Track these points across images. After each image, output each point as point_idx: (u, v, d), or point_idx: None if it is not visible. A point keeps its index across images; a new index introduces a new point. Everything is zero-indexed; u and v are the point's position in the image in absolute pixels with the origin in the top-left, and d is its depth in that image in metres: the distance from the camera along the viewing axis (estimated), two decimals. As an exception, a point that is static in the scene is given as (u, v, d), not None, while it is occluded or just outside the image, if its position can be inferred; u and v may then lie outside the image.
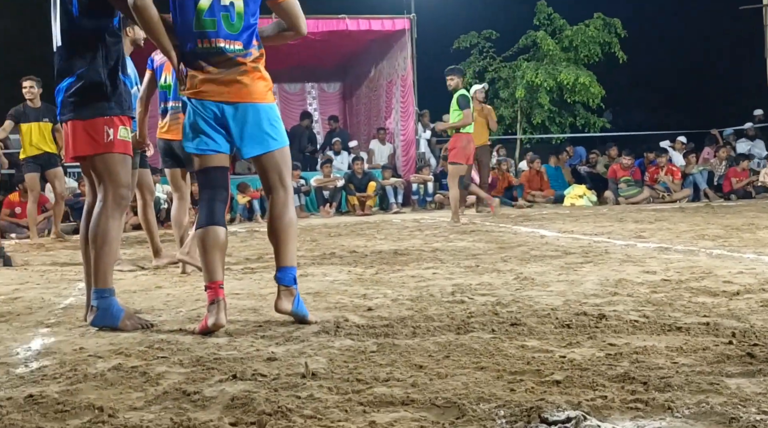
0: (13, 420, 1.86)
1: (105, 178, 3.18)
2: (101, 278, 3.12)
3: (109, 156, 3.17)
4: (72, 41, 3.14)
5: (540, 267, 4.52)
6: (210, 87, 2.98)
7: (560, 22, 16.23)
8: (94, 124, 3.14)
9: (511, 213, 10.90)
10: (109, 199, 3.17)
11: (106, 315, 3.07)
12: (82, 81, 3.12)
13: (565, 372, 2.14)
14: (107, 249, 3.13)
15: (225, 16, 2.96)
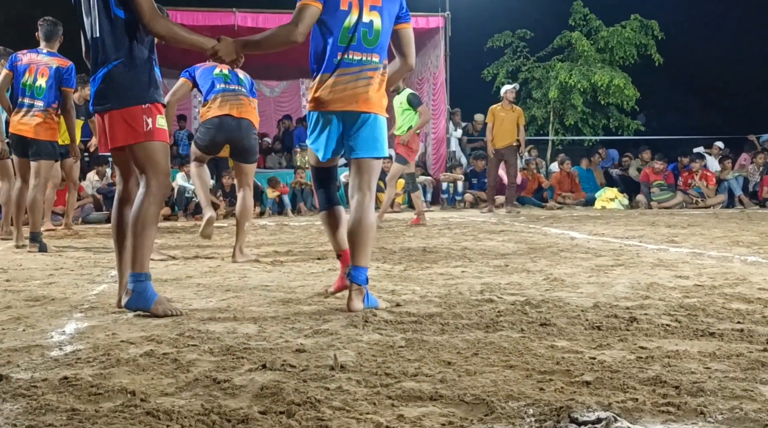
0: (49, 400, 1.90)
1: (146, 166, 3.24)
2: (138, 262, 3.19)
3: (149, 144, 3.23)
4: (111, 32, 3.19)
5: (570, 268, 4.49)
6: (339, 96, 3.27)
7: (596, 23, 16.07)
8: (133, 113, 3.19)
9: (541, 214, 10.82)
10: (152, 186, 3.23)
11: (140, 299, 3.14)
12: (123, 69, 3.17)
13: (595, 373, 2.12)
14: (147, 234, 3.20)
15: (364, 32, 3.27)
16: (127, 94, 3.18)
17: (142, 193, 3.24)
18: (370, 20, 3.27)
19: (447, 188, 12.99)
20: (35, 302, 3.51)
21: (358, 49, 3.26)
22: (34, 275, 4.54)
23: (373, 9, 3.26)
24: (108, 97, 3.21)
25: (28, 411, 1.82)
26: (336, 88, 3.26)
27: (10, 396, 1.95)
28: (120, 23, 3.17)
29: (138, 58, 3.20)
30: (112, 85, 3.19)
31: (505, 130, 10.83)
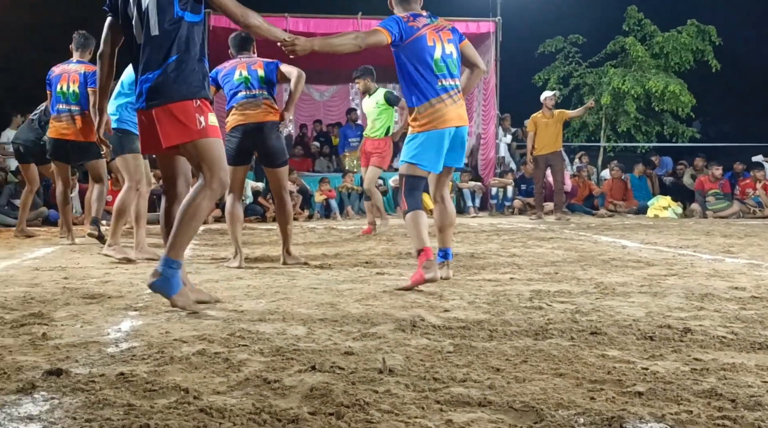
0: (106, 395, 1.95)
1: (206, 162, 3.29)
2: (175, 249, 3.23)
3: (205, 141, 3.29)
4: (171, 32, 3.25)
5: (621, 277, 4.41)
6: (449, 116, 4.06)
7: (651, 28, 15.78)
8: (186, 107, 3.24)
9: (592, 222, 10.67)
10: (213, 182, 3.29)
11: (166, 284, 3.19)
12: (182, 65, 3.25)
13: (647, 383, 2.09)
14: (192, 226, 3.25)
15: (450, 62, 4.09)
16: (184, 89, 3.25)
17: (200, 184, 3.29)
18: (450, 51, 4.10)
19: (496, 194, 12.90)
20: (92, 300, 3.61)
21: (450, 76, 4.09)
22: (90, 273, 4.67)
23: (449, 42, 4.12)
24: (161, 93, 3.25)
25: (87, 405, 1.88)
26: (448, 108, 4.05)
27: (70, 390, 2.01)
28: (183, 25, 3.26)
29: (194, 60, 3.29)
30: (171, 81, 3.24)
31: (548, 137, 10.72)
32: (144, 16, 3.29)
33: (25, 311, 3.25)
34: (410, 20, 4.04)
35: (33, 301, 3.54)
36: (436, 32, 4.07)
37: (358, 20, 12.58)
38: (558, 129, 10.79)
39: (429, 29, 4.05)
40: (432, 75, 4.03)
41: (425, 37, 4.02)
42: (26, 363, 2.31)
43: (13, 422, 1.77)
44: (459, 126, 4.11)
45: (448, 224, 4.29)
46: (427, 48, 4.01)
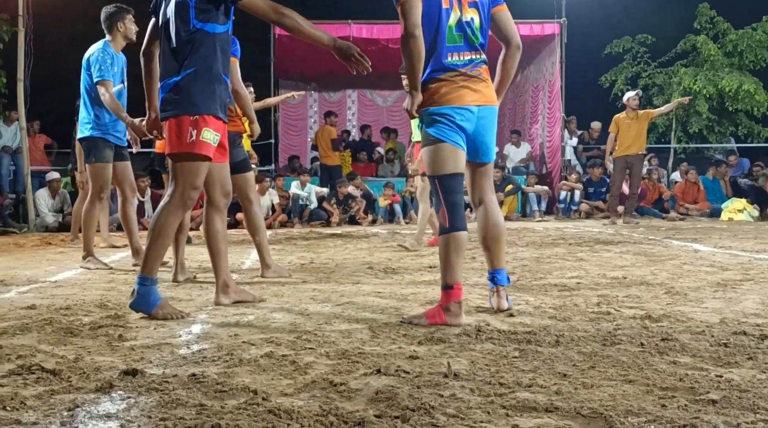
0: (179, 395, 2.02)
1: (178, 177, 3.33)
2: (148, 266, 3.31)
3: (187, 155, 3.31)
4: (186, 43, 3.28)
5: (693, 282, 4.29)
6: (462, 93, 3.19)
7: (724, 25, 15.27)
8: (181, 122, 3.28)
9: (662, 225, 10.39)
10: (176, 197, 3.32)
11: (143, 302, 3.28)
12: (191, 80, 3.27)
13: (721, 391, 2.03)
14: (161, 243, 3.32)
15: (469, 31, 3.23)
16: (184, 104, 3.28)
17: (165, 201, 3.34)
18: (470, 18, 3.24)
19: (564, 198, 12.69)
20: (164, 302, 3.72)
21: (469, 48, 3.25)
22: (162, 277, 4.80)
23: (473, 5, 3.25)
24: (170, 105, 3.32)
25: (161, 405, 1.94)
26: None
27: (145, 389, 2.08)
28: (199, 35, 3.28)
29: (210, 72, 3.30)
30: (176, 95, 3.29)
31: (631, 138, 10.43)
32: (168, 25, 3.35)
33: (102, 313, 3.38)
34: None
35: (109, 304, 3.67)
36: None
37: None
38: (641, 130, 10.49)
39: None
40: (442, 45, 3.21)
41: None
42: (104, 364, 2.41)
43: (92, 419, 1.84)
44: (479, 105, 3.23)
45: (492, 238, 3.33)
46: (441, 11, 3.18)
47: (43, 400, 2.00)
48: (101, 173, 5.43)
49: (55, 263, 5.88)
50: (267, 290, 4.14)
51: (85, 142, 5.51)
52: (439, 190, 3.22)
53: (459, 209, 3.19)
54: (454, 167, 3.21)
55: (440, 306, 3.14)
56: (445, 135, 3.18)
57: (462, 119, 3.19)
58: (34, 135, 12.45)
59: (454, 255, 3.15)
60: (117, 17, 5.42)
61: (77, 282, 4.59)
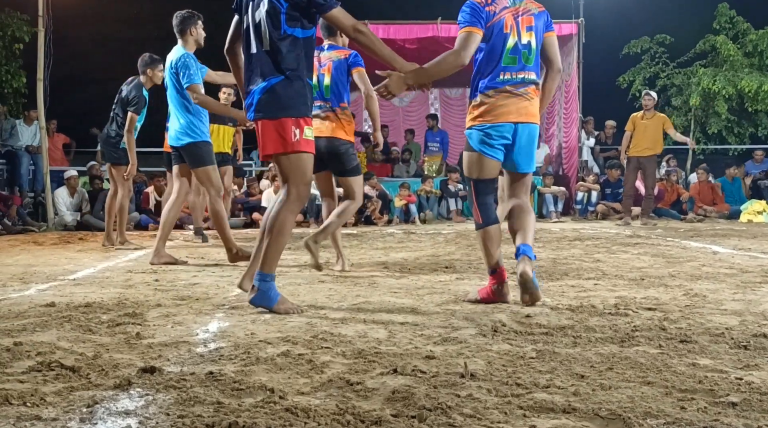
0: (197, 393, 2.03)
1: (290, 175, 3.43)
2: (268, 263, 3.39)
3: (295, 155, 3.41)
4: (279, 48, 3.38)
5: (712, 284, 4.25)
6: (508, 110, 3.63)
7: (744, 25, 15.14)
8: (284, 124, 3.38)
9: (680, 226, 10.30)
10: (292, 194, 3.43)
11: (264, 297, 3.37)
12: (286, 83, 3.37)
13: (742, 394, 2.01)
14: (280, 240, 3.40)
15: (524, 53, 3.64)
16: (284, 107, 3.38)
17: (282, 199, 3.44)
18: (527, 41, 3.66)
19: (581, 198, 12.62)
20: (181, 301, 3.75)
21: (520, 68, 3.65)
22: (179, 276, 4.84)
23: (530, 29, 3.67)
24: (266, 108, 3.41)
25: (178, 402, 1.96)
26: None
27: (163, 387, 2.10)
28: (289, 40, 3.38)
29: (300, 75, 3.40)
30: (273, 97, 3.38)
31: (645, 139, 10.36)
32: (258, 29, 3.43)
33: (120, 311, 3.41)
34: (487, 3, 3.61)
35: (127, 302, 3.70)
36: (514, 18, 3.63)
37: (437, 25, 12.60)
38: (656, 132, 10.41)
39: (508, 13, 3.62)
40: (497, 65, 3.62)
41: (502, 22, 3.60)
42: (122, 361, 2.42)
43: (111, 416, 1.86)
44: (520, 122, 3.63)
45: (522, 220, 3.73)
46: (502, 35, 3.59)
47: (62, 396, 2.02)
48: (212, 174, 5.58)
49: (73, 261, 5.94)
50: (283, 290, 4.15)
51: (185, 150, 5.61)
52: (473, 191, 3.77)
53: (489, 207, 3.73)
54: (487, 174, 3.74)
55: (490, 288, 3.66)
56: (483, 148, 3.68)
57: (499, 135, 3.65)
58: (52, 134, 12.57)
59: (490, 245, 3.69)
60: (190, 22, 5.53)
61: (96, 280, 4.63)
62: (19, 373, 2.27)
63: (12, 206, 10.28)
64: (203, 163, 5.55)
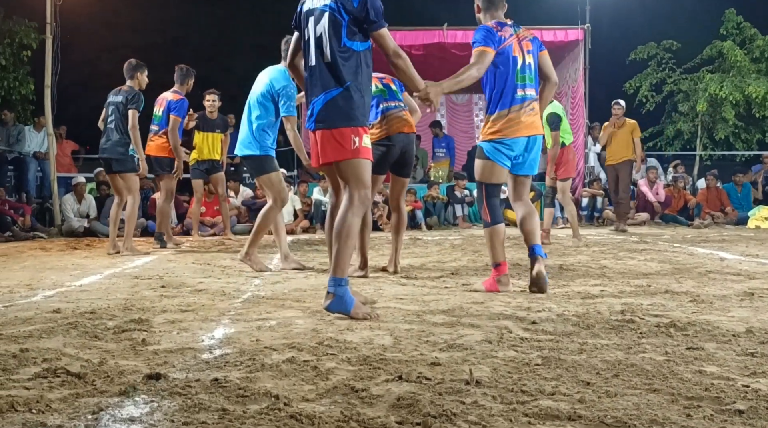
0: (201, 399, 2.03)
1: (351, 180, 3.54)
2: (340, 268, 3.48)
3: (355, 161, 3.51)
4: (339, 60, 3.49)
5: (719, 290, 4.23)
6: (522, 126, 4.24)
7: (751, 31, 15.11)
8: (344, 133, 3.50)
9: (688, 233, 10.27)
10: (355, 199, 3.53)
11: (341, 302, 3.42)
12: (346, 94, 3.49)
13: (748, 402, 2.00)
14: (349, 244, 3.51)
15: (529, 73, 4.27)
16: (343, 117, 3.50)
17: (346, 205, 3.55)
18: (530, 62, 4.29)
19: (587, 205, 12.60)
20: (187, 308, 3.75)
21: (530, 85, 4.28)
22: (186, 282, 4.85)
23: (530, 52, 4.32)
24: (326, 118, 3.52)
25: (183, 409, 1.96)
26: None
27: (168, 393, 2.10)
28: (348, 53, 3.50)
29: (359, 87, 3.52)
30: (333, 108, 3.50)
31: (618, 146, 10.50)
32: (319, 42, 3.54)
33: (126, 317, 3.41)
34: (498, 30, 4.22)
35: (133, 308, 3.71)
36: (519, 43, 4.26)
37: (444, 32, 12.62)
38: (627, 138, 10.48)
39: (514, 39, 4.25)
40: (513, 84, 4.23)
41: (511, 47, 4.22)
42: (127, 368, 2.43)
43: (116, 423, 1.86)
44: (531, 135, 4.28)
45: (532, 224, 4.37)
46: (512, 59, 4.22)
47: (68, 403, 2.03)
48: (278, 181, 5.66)
49: (80, 268, 5.96)
50: (289, 296, 4.16)
51: (250, 160, 5.68)
52: (483, 193, 4.35)
53: (496, 208, 4.34)
54: (497, 179, 4.35)
55: (493, 279, 4.27)
56: (496, 157, 4.28)
57: (509, 149, 4.26)
58: (61, 141, 12.63)
59: (497, 242, 4.28)
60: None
61: (102, 287, 4.65)
62: (25, 380, 2.28)
63: (25, 215, 10.33)
64: (265, 171, 5.65)
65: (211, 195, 10.57)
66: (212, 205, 10.72)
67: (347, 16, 3.48)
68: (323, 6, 3.54)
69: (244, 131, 5.68)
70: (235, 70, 21.50)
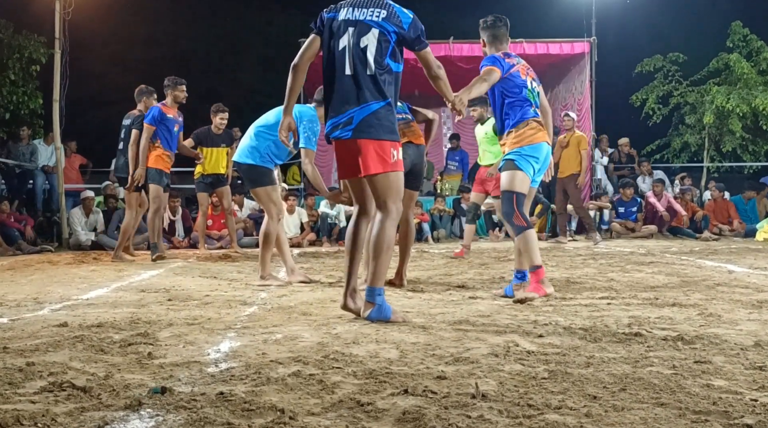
0: (207, 413, 2.02)
1: (388, 193, 3.64)
2: (379, 278, 3.62)
3: (393, 174, 3.64)
4: (381, 75, 3.61)
5: (727, 303, 4.21)
6: (544, 134, 4.64)
7: (757, 43, 15.11)
8: (385, 146, 3.61)
9: (695, 245, 10.23)
10: (392, 211, 3.65)
11: (381, 311, 3.61)
12: (388, 109, 3.61)
13: (757, 416, 1.98)
14: (388, 254, 3.64)
15: (534, 96, 4.68)
16: (386, 130, 3.62)
17: (383, 216, 3.65)
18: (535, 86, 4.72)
19: (594, 217, 12.57)
20: (194, 321, 3.75)
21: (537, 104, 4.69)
22: (192, 295, 4.86)
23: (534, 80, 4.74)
24: (370, 129, 3.59)
25: (189, 423, 1.95)
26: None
27: (173, 407, 2.10)
28: (389, 71, 3.65)
29: (393, 104, 3.66)
30: (378, 120, 3.60)
31: (566, 160, 10.61)
32: (363, 53, 3.61)
33: (132, 331, 3.42)
34: (506, 58, 4.63)
35: (140, 322, 3.71)
36: (525, 69, 4.69)
37: (450, 45, 12.66)
38: (575, 152, 10.54)
39: (521, 66, 4.68)
40: (527, 102, 4.62)
41: (519, 72, 4.64)
42: (133, 381, 2.43)
43: (121, 436, 1.86)
44: (547, 143, 4.66)
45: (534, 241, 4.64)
46: (521, 81, 4.62)
47: (73, 417, 2.03)
48: (275, 195, 5.62)
49: (87, 281, 5.97)
50: (295, 309, 4.16)
51: (246, 169, 5.61)
52: (515, 202, 4.55)
53: (526, 215, 4.59)
54: (527, 189, 4.63)
55: (538, 282, 4.43)
56: (525, 167, 4.57)
57: (535, 158, 4.59)
58: (70, 154, 12.70)
59: (534, 244, 4.49)
60: None
61: (108, 300, 4.65)
62: (30, 393, 2.28)
63: (27, 227, 10.38)
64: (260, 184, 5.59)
65: (217, 208, 10.60)
66: (219, 218, 10.74)
67: (395, 38, 3.63)
68: (370, 20, 3.63)
69: (247, 139, 5.63)
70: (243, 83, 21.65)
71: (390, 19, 3.63)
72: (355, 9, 3.68)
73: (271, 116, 5.62)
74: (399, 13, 3.66)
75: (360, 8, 3.67)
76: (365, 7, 3.67)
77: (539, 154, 4.60)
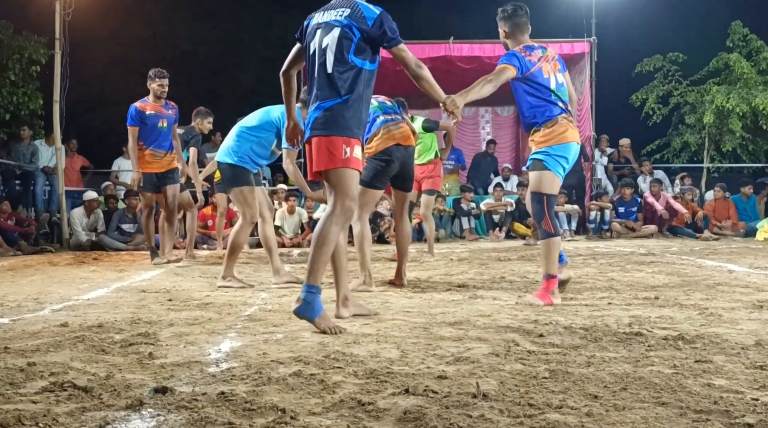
0: (208, 413, 2.03)
1: (337, 189, 3.57)
2: (313, 275, 3.50)
3: (342, 170, 3.55)
4: (341, 73, 3.54)
5: (728, 303, 4.21)
6: (573, 133, 4.43)
7: (757, 43, 15.08)
8: (335, 142, 3.54)
9: (696, 245, 10.23)
10: (337, 208, 3.56)
11: (309, 308, 3.44)
12: (342, 106, 3.54)
13: (758, 415, 1.98)
14: (324, 251, 3.52)
15: (562, 90, 4.46)
16: (337, 127, 3.54)
17: (327, 212, 3.58)
18: (561, 81, 4.47)
19: (594, 217, 12.57)
20: (194, 321, 3.76)
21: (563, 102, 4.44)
22: (193, 296, 4.86)
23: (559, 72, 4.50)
24: (320, 126, 3.56)
25: (190, 423, 1.95)
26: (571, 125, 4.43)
27: (175, 407, 2.10)
28: (354, 70, 3.56)
29: (358, 101, 3.57)
30: (328, 117, 3.55)
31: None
32: (323, 54, 3.59)
33: (133, 331, 3.42)
34: (527, 54, 4.37)
35: (140, 322, 3.71)
36: (548, 64, 4.42)
37: (450, 45, 12.66)
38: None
39: (544, 61, 4.41)
40: (551, 101, 4.38)
41: (541, 70, 4.38)
42: (134, 381, 2.43)
43: (122, 436, 1.86)
44: (577, 142, 4.46)
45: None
46: (544, 80, 4.38)
47: (74, 417, 2.03)
48: (250, 197, 5.49)
49: (87, 281, 5.97)
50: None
51: (224, 168, 5.57)
52: (545, 205, 4.37)
53: (555, 220, 4.44)
54: (557, 190, 4.48)
55: (548, 290, 4.30)
56: (555, 168, 4.39)
57: (564, 157, 4.39)
58: (72, 155, 12.69)
59: (555, 253, 4.35)
60: None
61: (109, 301, 4.66)
62: (32, 394, 2.28)
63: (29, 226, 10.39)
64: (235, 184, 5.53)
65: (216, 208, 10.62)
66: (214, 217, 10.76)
67: (359, 34, 3.55)
68: (333, 21, 3.61)
69: (229, 139, 5.61)
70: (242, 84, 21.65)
71: (353, 16, 3.58)
72: (325, 13, 3.69)
73: (253, 118, 5.60)
74: (363, 9, 3.59)
75: (329, 11, 3.68)
76: (333, 9, 3.66)
77: (568, 153, 4.40)
